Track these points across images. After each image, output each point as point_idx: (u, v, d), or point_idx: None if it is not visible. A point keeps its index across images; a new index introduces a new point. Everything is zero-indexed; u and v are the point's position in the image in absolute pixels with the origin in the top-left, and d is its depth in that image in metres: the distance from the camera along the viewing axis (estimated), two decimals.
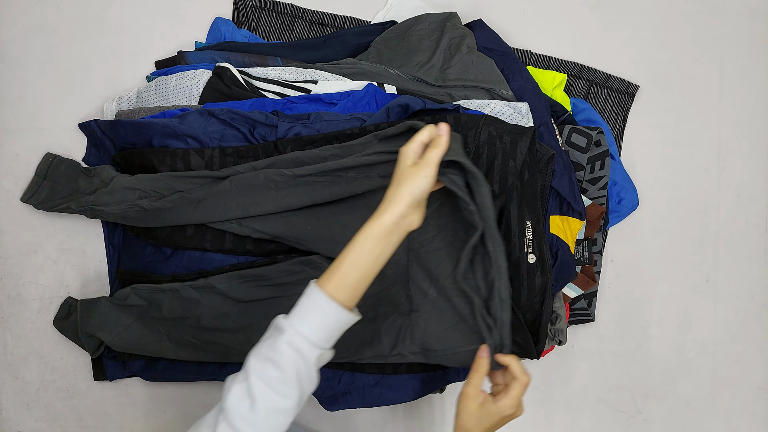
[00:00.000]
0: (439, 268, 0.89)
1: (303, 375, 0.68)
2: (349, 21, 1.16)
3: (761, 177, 1.21)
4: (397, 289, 0.91)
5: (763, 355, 1.21)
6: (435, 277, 0.89)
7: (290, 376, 0.66)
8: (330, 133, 0.95)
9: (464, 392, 0.77)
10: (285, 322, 0.69)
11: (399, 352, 0.90)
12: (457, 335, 0.87)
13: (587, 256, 1.07)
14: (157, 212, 0.94)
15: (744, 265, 1.21)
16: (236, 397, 0.66)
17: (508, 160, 0.93)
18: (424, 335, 0.89)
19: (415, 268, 0.91)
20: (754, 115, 1.22)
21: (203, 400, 1.10)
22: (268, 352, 0.67)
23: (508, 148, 0.93)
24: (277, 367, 0.66)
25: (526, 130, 0.93)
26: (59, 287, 1.10)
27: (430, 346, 0.89)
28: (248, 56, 1.06)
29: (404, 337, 0.90)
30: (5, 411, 1.09)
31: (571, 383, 1.17)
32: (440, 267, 0.89)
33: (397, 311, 0.91)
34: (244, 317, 0.93)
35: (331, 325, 0.70)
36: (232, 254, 0.97)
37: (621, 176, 1.15)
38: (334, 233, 0.91)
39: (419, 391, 1.00)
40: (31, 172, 1.09)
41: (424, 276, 0.90)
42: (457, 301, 0.87)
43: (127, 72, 1.12)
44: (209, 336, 0.94)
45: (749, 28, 1.22)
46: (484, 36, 1.09)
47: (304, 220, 0.91)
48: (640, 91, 1.20)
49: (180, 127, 0.96)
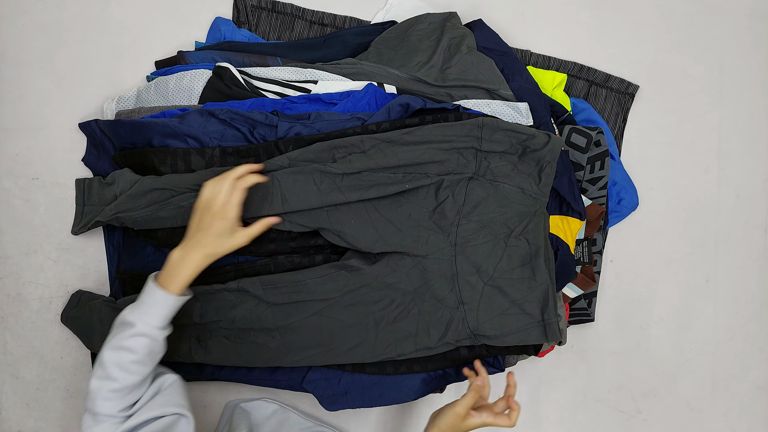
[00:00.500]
0: (488, 260, 0.93)
1: (155, 352, 0.82)
2: (349, 21, 1.16)
3: (761, 177, 1.21)
4: (439, 283, 0.93)
5: (762, 355, 1.21)
6: (484, 270, 0.93)
7: (144, 357, 0.79)
8: (330, 133, 0.95)
9: (456, 411, 0.86)
10: (133, 317, 0.80)
11: (446, 341, 0.94)
12: (510, 319, 0.93)
13: (587, 256, 1.07)
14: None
15: (744, 265, 1.21)
16: (95, 385, 0.78)
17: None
18: (477, 324, 0.93)
19: (461, 262, 0.93)
20: (754, 115, 1.22)
21: (203, 400, 1.10)
22: (122, 342, 0.79)
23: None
24: (132, 353, 0.79)
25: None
26: (59, 287, 1.10)
27: (484, 332, 0.93)
28: (248, 56, 1.06)
29: (456, 328, 0.94)
30: (5, 411, 1.09)
31: (571, 383, 1.17)
32: (489, 259, 0.93)
33: (442, 305, 0.94)
34: (278, 318, 0.94)
35: (172, 309, 0.82)
36: (233, 254, 0.97)
37: (621, 176, 1.15)
38: (378, 228, 0.93)
39: (419, 391, 1.00)
40: (32, 172, 1.09)
41: (471, 269, 0.93)
42: (509, 290, 0.92)
43: (127, 72, 1.12)
44: (244, 336, 0.95)
45: (749, 28, 1.22)
46: (484, 36, 1.09)
47: (347, 213, 0.92)
48: (640, 91, 1.20)
49: (180, 127, 0.96)
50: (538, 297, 0.92)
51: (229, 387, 1.10)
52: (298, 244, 0.96)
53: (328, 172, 0.90)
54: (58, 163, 1.10)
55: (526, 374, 1.16)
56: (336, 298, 0.94)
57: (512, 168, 0.94)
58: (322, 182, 0.91)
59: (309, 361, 0.96)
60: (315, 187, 0.90)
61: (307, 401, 1.11)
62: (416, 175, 0.92)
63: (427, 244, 0.93)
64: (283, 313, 0.94)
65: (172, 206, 0.92)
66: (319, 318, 0.95)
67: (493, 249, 0.93)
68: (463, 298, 0.93)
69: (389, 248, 0.93)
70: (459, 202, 0.93)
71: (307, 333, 0.95)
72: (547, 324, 0.92)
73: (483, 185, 0.94)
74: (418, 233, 0.93)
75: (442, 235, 0.93)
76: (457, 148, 0.92)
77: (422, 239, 0.93)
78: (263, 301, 0.94)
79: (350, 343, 0.95)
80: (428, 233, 0.93)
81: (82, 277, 1.09)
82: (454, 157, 0.93)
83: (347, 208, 0.92)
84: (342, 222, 0.92)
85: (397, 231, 0.93)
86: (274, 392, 1.10)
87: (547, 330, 0.92)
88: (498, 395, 1.14)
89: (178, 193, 0.92)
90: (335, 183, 0.90)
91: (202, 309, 0.94)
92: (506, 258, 0.93)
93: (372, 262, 0.94)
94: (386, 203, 0.93)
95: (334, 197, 0.90)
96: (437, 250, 0.93)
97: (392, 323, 0.95)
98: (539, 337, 0.93)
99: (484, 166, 0.94)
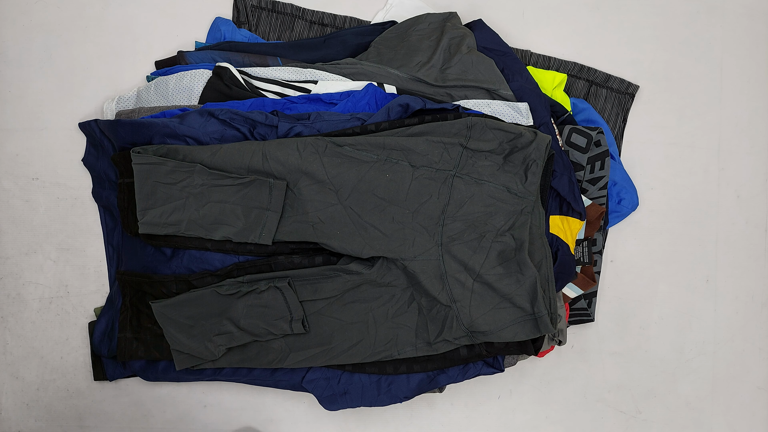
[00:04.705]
0: (474, 258, 0.93)
1: None
2: (349, 21, 1.16)
3: (761, 177, 1.21)
4: (431, 282, 0.94)
5: (763, 355, 1.21)
6: (470, 267, 0.93)
7: None
8: (330, 133, 0.96)
9: None
10: None
11: (444, 339, 0.95)
12: (502, 314, 0.93)
13: (587, 256, 1.07)
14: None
15: (744, 265, 1.21)
16: None
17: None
18: (471, 320, 0.93)
19: (448, 261, 0.94)
20: (754, 115, 1.22)
21: (203, 400, 1.10)
22: None
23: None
24: None
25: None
26: (59, 287, 1.10)
27: (478, 328, 0.93)
28: (248, 56, 1.06)
29: (450, 325, 0.94)
30: (5, 411, 1.09)
31: (571, 383, 1.17)
32: (474, 257, 0.93)
33: (437, 301, 0.94)
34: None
35: None
36: (233, 254, 0.97)
37: (621, 176, 1.15)
38: (363, 236, 0.94)
39: (419, 391, 1.00)
40: (32, 172, 1.09)
41: (459, 267, 0.94)
42: (498, 285, 0.93)
43: (127, 72, 1.12)
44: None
45: (749, 28, 1.22)
46: (484, 36, 1.09)
47: (331, 226, 0.94)
48: (640, 91, 1.20)
49: (180, 127, 0.96)
50: (527, 290, 0.93)
51: (229, 387, 1.10)
52: (298, 245, 0.97)
53: (312, 142, 0.92)
54: (58, 163, 1.10)
55: (526, 374, 1.16)
56: (336, 297, 0.95)
57: (498, 168, 0.95)
58: (304, 149, 0.93)
59: (311, 362, 0.96)
60: (297, 153, 0.93)
61: (306, 401, 1.11)
62: (398, 161, 0.93)
63: (414, 246, 0.94)
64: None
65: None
66: (319, 317, 0.95)
67: (478, 246, 0.94)
68: (454, 296, 0.94)
69: (377, 253, 0.93)
70: (443, 202, 0.94)
71: (309, 332, 0.96)
72: (538, 317, 0.92)
73: (468, 184, 0.94)
74: (404, 236, 0.94)
75: (427, 235, 0.94)
76: (443, 143, 0.94)
77: (408, 241, 0.94)
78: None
79: (351, 341, 0.96)
80: (414, 234, 0.94)
81: (82, 277, 1.09)
82: (438, 150, 0.94)
83: (330, 220, 0.93)
84: (328, 235, 0.93)
85: (383, 236, 0.94)
86: (274, 392, 1.10)
87: (538, 322, 0.92)
88: (498, 395, 1.15)
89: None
90: (317, 152, 0.93)
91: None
92: (492, 255, 0.94)
93: (370, 266, 0.94)
94: (369, 209, 0.94)
95: (313, 166, 0.92)
96: (424, 251, 0.94)
97: (392, 318, 0.96)
98: (532, 330, 0.93)
99: (469, 164, 0.94)
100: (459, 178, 0.94)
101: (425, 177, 0.94)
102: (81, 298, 1.09)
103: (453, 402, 1.14)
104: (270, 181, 0.92)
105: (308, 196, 0.93)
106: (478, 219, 0.94)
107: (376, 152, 0.93)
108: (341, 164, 0.93)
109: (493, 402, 1.15)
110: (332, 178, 0.93)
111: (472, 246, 0.94)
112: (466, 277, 0.94)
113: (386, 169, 0.93)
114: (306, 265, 0.96)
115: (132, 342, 1.00)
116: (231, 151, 0.93)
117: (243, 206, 0.93)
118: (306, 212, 0.93)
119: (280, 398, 1.11)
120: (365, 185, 0.94)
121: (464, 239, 0.94)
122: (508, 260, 0.94)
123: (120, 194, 1.00)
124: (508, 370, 1.08)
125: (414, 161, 0.94)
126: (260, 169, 0.93)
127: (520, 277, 0.93)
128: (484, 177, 0.95)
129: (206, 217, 0.93)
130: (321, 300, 0.95)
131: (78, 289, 1.09)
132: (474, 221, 0.94)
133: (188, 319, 0.95)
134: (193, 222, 0.93)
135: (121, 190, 0.99)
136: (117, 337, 1.01)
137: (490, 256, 0.94)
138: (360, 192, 0.94)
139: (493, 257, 0.94)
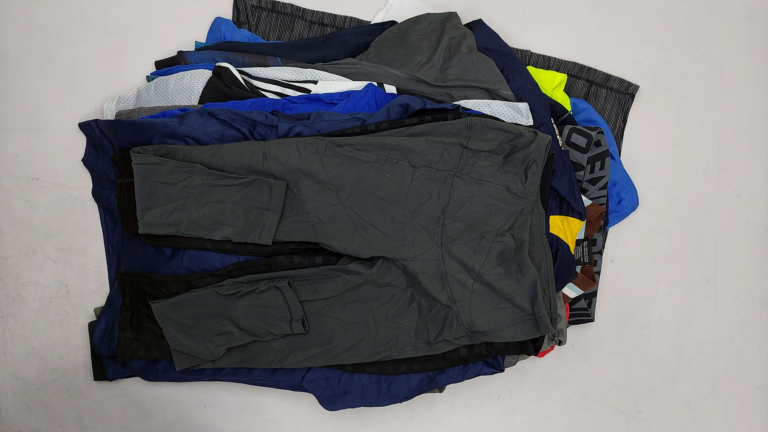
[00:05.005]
0: (474, 258, 0.93)
1: None
2: (349, 21, 1.16)
3: (761, 177, 1.21)
4: (431, 282, 0.94)
5: (763, 355, 1.21)
6: (470, 267, 0.93)
7: None
8: (330, 133, 0.96)
9: None
10: None
11: (444, 339, 0.95)
12: (502, 314, 0.93)
13: (587, 256, 1.07)
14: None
15: (744, 265, 1.21)
16: None
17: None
18: (471, 320, 0.93)
19: (448, 261, 0.94)
20: (754, 115, 1.22)
21: (203, 400, 1.10)
22: None
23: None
24: None
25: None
26: (59, 287, 1.10)
27: (478, 328, 0.93)
28: (248, 56, 1.06)
29: (450, 325, 0.94)
30: (5, 411, 1.09)
31: (571, 383, 1.17)
32: (474, 257, 0.93)
33: (437, 302, 0.94)
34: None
35: None
36: (233, 254, 0.97)
37: (621, 176, 1.15)
38: (363, 236, 0.94)
39: (419, 391, 1.00)
40: (32, 172, 1.09)
41: (459, 267, 0.94)
42: (498, 285, 0.93)
43: (127, 72, 1.12)
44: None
45: (749, 28, 1.22)
46: (484, 36, 1.09)
47: (331, 226, 0.94)
48: (640, 91, 1.20)
49: (180, 128, 0.96)
50: (527, 290, 0.93)
51: (229, 387, 1.10)
52: (298, 245, 0.97)
53: (312, 142, 0.92)
54: (57, 163, 1.10)
55: (526, 374, 1.16)
56: (336, 297, 0.95)
57: (498, 168, 0.95)
58: (304, 149, 0.93)
59: (311, 362, 0.96)
60: (297, 153, 0.93)
61: (307, 401, 1.11)
62: (398, 161, 0.93)
63: (414, 246, 0.94)
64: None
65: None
66: (319, 317, 0.95)
67: (478, 246, 0.94)
68: (454, 296, 0.94)
69: (377, 253, 0.93)
70: (443, 202, 0.94)
71: (309, 332, 0.96)
72: (538, 317, 0.92)
73: (468, 184, 0.94)
74: (404, 236, 0.94)
75: (427, 235, 0.94)
76: (443, 143, 0.94)
77: (408, 241, 0.94)
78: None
79: (351, 341, 0.96)
80: (414, 234, 0.94)
81: (82, 277, 1.09)
82: (438, 150, 0.94)
83: (330, 220, 0.93)
84: (328, 235, 0.93)
85: (383, 236, 0.94)
86: (274, 392, 1.10)
87: (538, 322, 0.92)
88: (498, 395, 1.15)
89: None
90: (317, 152, 0.93)
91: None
92: (492, 255, 0.94)
93: (370, 266, 0.94)
94: (369, 209, 0.94)
95: (313, 166, 0.92)
96: (424, 251, 0.94)
97: (392, 318, 0.96)
98: (532, 330, 0.93)
99: (469, 164, 0.94)
100: (459, 178, 0.94)
101: (425, 177, 0.94)
102: (81, 298, 1.10)
103: (453, 402, 1.14)
104: (270, 181, 0.92)
105: (308, 196, 0.93)
106: (478, 219, 0.94)
107: (376, 152, 0.93)
108: (341, 164, 0.93)
109: (493, 402, 1.15)
110: (332, 178, 0.93)
111: (472, 246, 0.94)
112: (466, 277, 0.94)
113: (386, 169, 0.93)
114: (306, 265, 0.96)
115: (132, 342, 1.00)
116: (231, 151, 0.93)
117: (243, 206, 0.93)
118: (306, 212, 0.94)
119: (280, 398, 1.11)
120: (365, 185, 0.94)
121: (464, 239, 0.94)
122: (508, 260, 0.94)
123: (120, 194, 1.00)
124: (508, 370, 1.08)
125: (414, 161, 0.94)
126: (260, 169, 0.93)
127: (520, 277, 0.93)
128: (484, 177, 0.95)
129: (206, 217, 0.93)
130: (321, 300, 0.95)
131: (78, 289, 1.09)
132: (474, 221, 0.94)
133: (188, 319, 0.95)
134: (193, 222, 0.93)
135: (121, 190, 0.99)
136: (117, 337, 1.01)
137: (490, 256, 0.94)
138: (360, 192, 0.94)
139: (493, 257, 0.94)
